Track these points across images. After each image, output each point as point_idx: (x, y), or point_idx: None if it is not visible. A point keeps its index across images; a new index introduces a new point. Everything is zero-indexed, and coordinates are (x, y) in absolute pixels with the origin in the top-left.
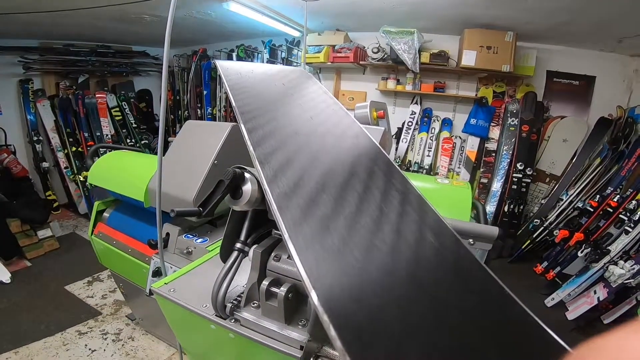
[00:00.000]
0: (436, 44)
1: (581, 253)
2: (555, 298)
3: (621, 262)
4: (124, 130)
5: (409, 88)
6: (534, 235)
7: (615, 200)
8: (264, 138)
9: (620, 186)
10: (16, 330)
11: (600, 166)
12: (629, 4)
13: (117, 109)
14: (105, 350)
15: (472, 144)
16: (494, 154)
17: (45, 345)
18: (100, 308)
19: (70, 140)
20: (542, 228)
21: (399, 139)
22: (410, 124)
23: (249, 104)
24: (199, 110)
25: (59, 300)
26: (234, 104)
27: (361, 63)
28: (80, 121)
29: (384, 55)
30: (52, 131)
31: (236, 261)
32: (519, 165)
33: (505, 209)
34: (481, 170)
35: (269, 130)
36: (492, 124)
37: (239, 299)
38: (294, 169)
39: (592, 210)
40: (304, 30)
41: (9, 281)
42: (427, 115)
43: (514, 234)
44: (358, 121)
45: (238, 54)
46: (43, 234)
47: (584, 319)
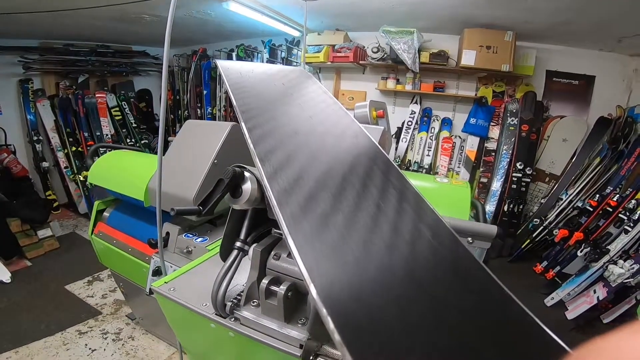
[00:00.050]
0: (436, 44)
1: (581, 252)
2: (554, 297)
3: (621, 262)
4: (123, 130)
5: (408, 88)
6: (534, 235)
7: (615, 199)
8: (264, 136)
9: (620, 185)
10: (16, 329)
11: (600, 165)
12: (629, 4)
13: (117, 109)
14: (105, 349)
15: (472, 144)
16: (493, 154)
17: (46, 344)
18: (101, 307)
19: (70, 140)
20: (542, 227)
21: (399, 138)
22: (410, 123)
23: (250, 103)
24: (198, 109)
25: (59, 299)
26: (234, 103)
27: (361, 63)
28: (80, 121)
29: (384, 55)
30: (52, 131)
31: (236, 260)
32: (518, 165)
33: (505, 209)
34: (481, 169)
35: (268, 129)
36: (492, 124)
37: (239, 297)
38: (293, 167)
39: (592, 209)
40: (303, 30)
41: (9, 281)
42: (427, 114)
43: (513, 233)
44: (357, 121)
45: (238, 54)
46: (43, 233)
47: (583, 319)
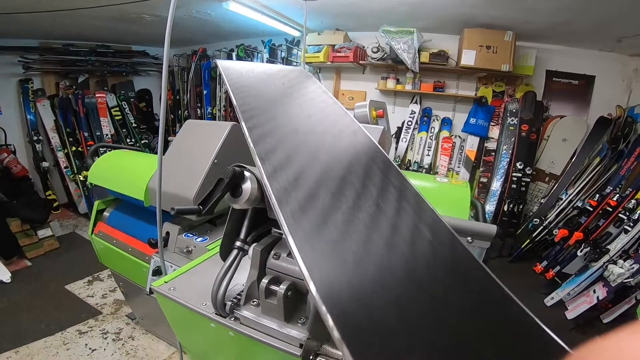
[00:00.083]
0: (436, 44)
1: (580, 252)
2: (554, 297)
3: (620, 262)
4: (123, 130)
5: (408, 87)
6: (534, 235)
7: (615, 199)
8: (264, 136)
9: (620, 185)
10: (16, 329)
11: (600, 165)
12: (629, 4)
13: (117, 109)
14: (105, 349)
15: (472, 144)
16: (493, 154)
17: (46, 344)
18: (101, 307)
19: (70, 139)
20: (542, 227)
21: (399, 138)
22: (409, 123)
23: (250, 103)
24: (198, 109)
25: (59, 299)
26: (234, 102)
27: (361, 63)
28: (80, 121)
29: (384, 55)
30: (52, 131)
31: (236, 259)
32: (518, 165)
33: (505, 208)
34: (481, 169)
35: (268, 128)
36: (492, 124)
37: (239, 297)
38: (293, 166)
39: (592, 209)
40: (303, 29)
41: (9, 281)
42: (427, 114)
43: (513, 233)
44: (357, 120)
45: (238, 54)
46: (43, 233)
47: (583, 318)
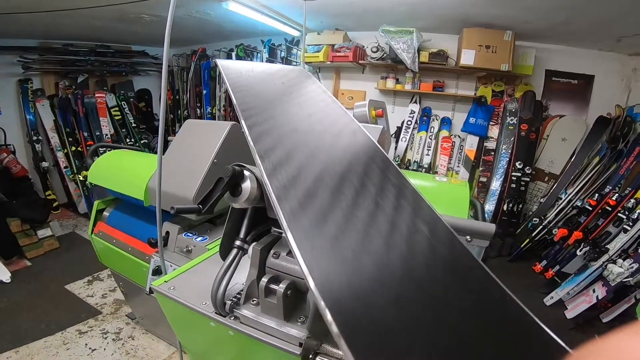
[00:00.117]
0: (435, 43)
1: (580, 252)
2: (554, 297)
3: (620, 261)
4: (123, 130)
5: (408, 87)
6: (533, 234)
7: (614, 198)
8: (263, 134)
9: (619, 185)
10: (16, 329)
11: (599, 165)
12: (628, 4)
13: (117, 109)
14: (105, 349)
15: (471, 143)
16: (493, 153)
17: (46, 344)
18: (100, 307)
19: (70, 139)
20: (541, 227)
21: (399, 138)
22: (409, 123)
23: (249, 102)
24: (198, 109)
25: (59, 299)
26: (234, 102)
27: (360, 62)
28: (79, 121)
29: (383, 55)
30: (52, 131)
31: (235, 259)
32: (517, 164)
33: (504, 208)
34: (480, 169)
35: (268, 127)
36: (491, 123)
37: (239, 296)
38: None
39: (591, 208)
40: (303, 29)
41: (9, 281)
42: (427, 114)
43: (513, 232)
44: (357, 120)
45: (237, 54)
46: (43, 233)
47: (583, 318)
